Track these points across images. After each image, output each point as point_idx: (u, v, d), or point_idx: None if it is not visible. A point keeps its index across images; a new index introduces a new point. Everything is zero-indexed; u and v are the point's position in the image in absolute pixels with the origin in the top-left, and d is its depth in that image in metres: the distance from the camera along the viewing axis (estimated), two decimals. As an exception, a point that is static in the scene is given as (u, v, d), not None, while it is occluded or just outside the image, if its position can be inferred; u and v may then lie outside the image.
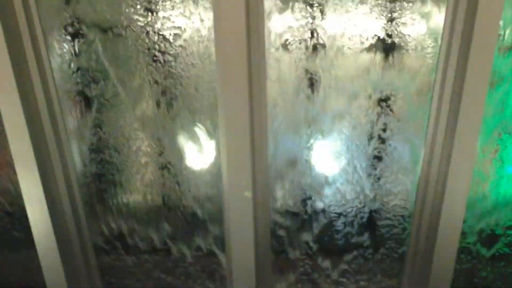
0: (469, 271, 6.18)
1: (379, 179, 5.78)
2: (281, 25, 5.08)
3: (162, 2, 5.10)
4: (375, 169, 5.74)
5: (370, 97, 5.40)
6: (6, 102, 5.05)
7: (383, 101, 5.39)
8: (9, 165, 5.44)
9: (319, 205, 5.96)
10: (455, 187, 5.22)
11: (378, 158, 5.68)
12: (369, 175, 5.78)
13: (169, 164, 5.81)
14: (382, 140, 5.62)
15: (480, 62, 4.68)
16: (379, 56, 5.20)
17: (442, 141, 5.29)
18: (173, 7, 5.09)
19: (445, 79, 5.13)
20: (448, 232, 5.45)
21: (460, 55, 4.89)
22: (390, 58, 5.20)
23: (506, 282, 6.33)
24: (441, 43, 5.08)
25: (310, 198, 5.92)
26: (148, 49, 5.28)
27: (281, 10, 5.03)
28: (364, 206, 5.94)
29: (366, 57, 5.23)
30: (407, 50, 5.15)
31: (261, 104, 5.19)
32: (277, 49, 5.16)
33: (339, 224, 6.03)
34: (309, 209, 5.96)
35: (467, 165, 5.13)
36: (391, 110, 5.45)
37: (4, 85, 4.97)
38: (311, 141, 5.62)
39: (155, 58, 5.31)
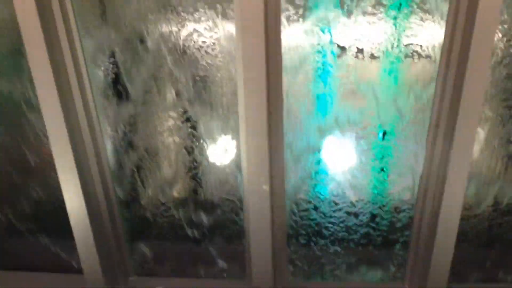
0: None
1: (388, 175, 5.89)
2: (295, 34, 5.21)
3: (192, 16, 5.23)
4: (382, 169, 5.87)
5: (377, 99, 5.51)
6: (48, 111, 5.23)
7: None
8: (51, 163, 5.51)
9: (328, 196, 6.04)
10: (454, 184, 5.31)
11: (385, 156, 5.79)
12: (380, 171, 5.88)
13: (193, 156, 5.95)
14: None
15: (477, 73, 4.80)
16: (387, 63, 5.32)
17: (442, 142, 5.39)
18: (200, 21, 5.22)
19: (445, 86, 5.24)
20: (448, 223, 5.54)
21: (460, 65, 5.00)
22: (398, 66, 5.32)
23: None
24: (441, 54, 5.19)
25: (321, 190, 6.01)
26: (177, 56, 5.43)
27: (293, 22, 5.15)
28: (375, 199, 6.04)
29: (376, 64, 5.36)
30: (413, 59, 5.25)
31: (277, 107, 5.32)
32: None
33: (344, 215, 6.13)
34: (320, 201, 6.07)
35: (465, 165, 5.24)
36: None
37: (47, 93, 5.13)
38: (322, 139, 5.71)
39: (183, 66, 5.47)
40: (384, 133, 5.72)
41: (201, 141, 5.84)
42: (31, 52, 4.97)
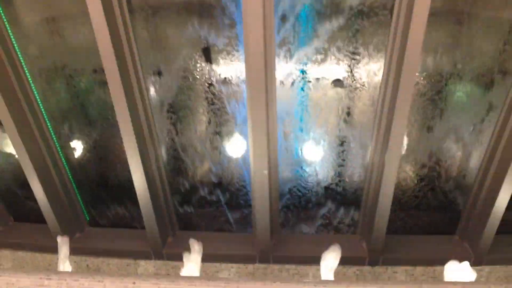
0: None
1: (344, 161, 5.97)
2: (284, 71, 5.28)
3: (216, 58, 5.30)
4: (342, 158, 5.97)
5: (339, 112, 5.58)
6: (124, 125, 5.28)
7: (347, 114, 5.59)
8: (123, 155, 5.59)
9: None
10: (389, 167, 5.39)
11: (343, 149, 5.86)
12: (339, 159, 5.96)
13: (218, 151, 6.01)
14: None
15: (405, 93, 4.86)
16: (343, 90, 5.41)
17: (382, 139, 5.45)
18: (223, 62, 5.29)
19: (383, 103, 5.28)
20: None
21: (393, 91, 5.08)
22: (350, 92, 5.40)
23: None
24: (380, 84, 5.26)
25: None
26: (207, 84, 5.51)
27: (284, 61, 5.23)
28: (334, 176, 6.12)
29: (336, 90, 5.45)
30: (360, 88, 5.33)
31: (273, 124, 5.36)
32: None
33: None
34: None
35: (397, 154, 5.30)
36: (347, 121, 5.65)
37: (120, 108, 5.17)
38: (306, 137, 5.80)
39: (211, 91, 5.55)
40: (343, 142, 5.84)
41: (225, 143, 5.93)
42: (112, 84, 5.03)
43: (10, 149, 6.20)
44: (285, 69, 5.29)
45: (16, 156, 5.83)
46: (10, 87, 5.42)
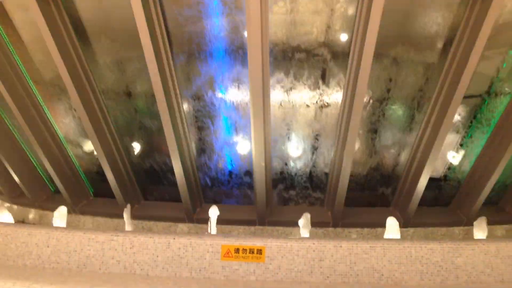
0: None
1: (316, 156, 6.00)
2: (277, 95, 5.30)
3: (226, 88, 5.34)
4: (315, 155, 6.00)
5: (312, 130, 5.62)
6: (169, 134, 5.29)
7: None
8: (167, 151, 5.60)
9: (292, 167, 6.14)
10: (346, 162, 5.41)
11: (315, 148, 5.90)
12: (313, 155, 5.98)
13: (231, 149, 6.01)
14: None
15: (357, 111, 4.88)
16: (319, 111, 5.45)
17: (342, 142, 5.45)
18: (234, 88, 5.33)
19: (343, 119, 5.29)
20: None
21: (348, 111, 5.08)
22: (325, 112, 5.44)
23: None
24: (341, 105, 5.28)
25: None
26: (223, 103, 5.54)
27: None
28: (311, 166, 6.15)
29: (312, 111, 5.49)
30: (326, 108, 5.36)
31: (268, 130, 5.37)
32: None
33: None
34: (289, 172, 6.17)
35: (351, 152, 5.32)
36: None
37: (165, 119, 5.19)
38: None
39: (226, 107, 5.59)
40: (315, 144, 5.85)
41: (236, 144, 5.95)
42: (160, 103, 5.06)
43: (92, 149, 6.24)
44: (276, 95, 5.36)
45: (95, 153, 5.87)
46: (91, 106, 5.47)
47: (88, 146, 6.28)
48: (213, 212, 5.45)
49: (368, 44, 4.30)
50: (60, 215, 5.45)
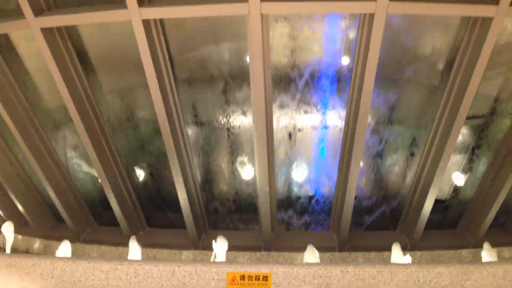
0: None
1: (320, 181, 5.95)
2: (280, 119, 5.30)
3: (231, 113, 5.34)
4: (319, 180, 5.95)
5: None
6: (173, 160, 5.24)
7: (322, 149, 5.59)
8: (171, 178, 5.56)
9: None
10: (351, 187, 5.36)
11: (320, 171, 5.86)
12: (317, 180, 5.94)
13: (235, 175, 5.99)
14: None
15: (359, 138, 4.87)
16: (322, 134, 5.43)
17: (346, 164, 5.41)
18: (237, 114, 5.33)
19: (346, 143, 5.26)
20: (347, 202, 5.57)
21: (351, 134, 5.05)
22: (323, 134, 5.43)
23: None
24: (345, 128, 5.26)
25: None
26: (226, 129, 5.53)
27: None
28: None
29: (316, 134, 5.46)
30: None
31: (272, 155, 5.34)
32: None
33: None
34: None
35: (356, 176, 5.28)
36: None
37: (168, 145, 5.15)
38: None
39: (229, 132, 5.57)
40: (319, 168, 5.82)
41: (240, 169, 5.91)
42: (163, 129, 5.04)
43: (96, 178, 6.19)
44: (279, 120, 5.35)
45: (99, 180, 5.84)
46: (95, 134, 5.45)
47: (93, 174, 6.25)
48: (219, 245, 5.37)
49: (370, 67, 4.30)
50: (65, 249, 5.41)
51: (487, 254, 5.28)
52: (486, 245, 5.42)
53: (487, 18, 4.07)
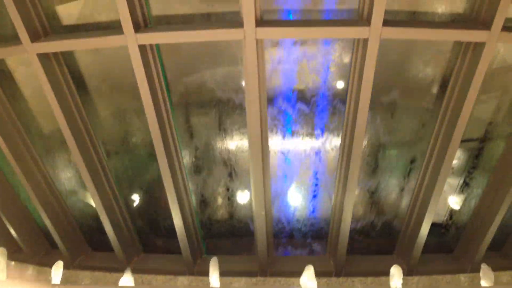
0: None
1: (315, 205, 5.93)
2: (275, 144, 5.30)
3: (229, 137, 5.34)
4: (314, 204, 5.94)
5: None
6: (168, 186, 5.24)
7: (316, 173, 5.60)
8: (166, 203, 5.53)
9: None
10: (346, 210, 5.35)
11: (316, 195, 5.85)
12: (312, 204, 5.92)
13: (230, 199, 5.97)
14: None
15: (355, 159, 4.87)
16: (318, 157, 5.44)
17: (341, 189, 5.40)
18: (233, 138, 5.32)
19: (342, 164, 5.27)
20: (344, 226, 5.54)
21: (347, 157, 5.07)
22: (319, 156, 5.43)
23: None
24: (339, 152, 5.26)
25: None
26: (222, 153, 5.53)
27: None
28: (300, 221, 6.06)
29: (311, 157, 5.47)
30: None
31: (267, 179, 5.33)
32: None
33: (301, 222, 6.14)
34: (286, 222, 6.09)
35: (352, 199, 5.27)
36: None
37: (164, 170, 5.16)
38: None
39: (225, 156, 5.57)
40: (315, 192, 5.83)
41: (236, 193, 5.89)
42: (159, 154, 5.04)
43: (91, 202, 6.16)
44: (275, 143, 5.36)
45: (94, 206, 5.81)
46: (90, 158, 5.43)
47: (87, 199, 6.20)
48: (214, 264, 5.34)
49: (364, 91, 4.34)
50: (57, 269, 5.34)
51: (484, 275, 5.26)
52: (483, 266, 5.39)
53: (480, 43, 4.12)
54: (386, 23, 3.95)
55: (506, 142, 5.26)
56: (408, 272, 5.93)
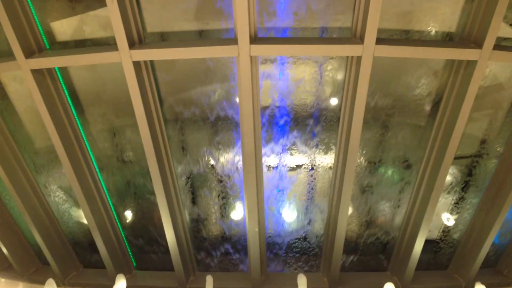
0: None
1: (310, 221, 5.92)
2: (269, 160, 5.31)
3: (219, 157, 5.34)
4: (309, 220, 5.92)
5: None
6: (161, 199, 5.24)
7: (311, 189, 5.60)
8: (159, 219, 5.49)
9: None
10: (341, 223, 5.33)
11: (309, 212, 5.83)
12: (307, 220, 5.90)
13: (224, 215, 5.94)
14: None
15: (349, 175, 4.89)
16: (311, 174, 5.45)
17: (335, 206, 5.39)
18: (226, 154, 5.33)
19: (336, 180, 5.27)
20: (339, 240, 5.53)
21: (341, 175, 5.08)
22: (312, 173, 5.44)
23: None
24: (333, 168, 5.26)
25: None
26: (215, 169, 5.52)
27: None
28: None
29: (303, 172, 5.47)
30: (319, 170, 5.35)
31: (260, 195, 5.33)
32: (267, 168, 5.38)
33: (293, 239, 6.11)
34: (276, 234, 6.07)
35: (345, 216, 5.27)
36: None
37: (157, 187, 5.16)
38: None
39: (219, 173, 5.56)
40: (307, 209, 5.83)
41: (229, 210, 5.88)
42: (152, 170, 5.03)
43: (83, 219, 6.11)
44: (269, 160, 5.35)
45: (86, 222, 5.77)
46: (83, 175, 5.41)
47: (79, 215, 6.16)
48: (209, 280, 5.32)
49: (358, 108, 4.37)
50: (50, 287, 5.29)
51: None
52: (478, 284, 5.42)
53: (471, 61, 4.18)
54: (379, 41, 4.00)
55: (499, 159, 5.29)
56: (402, 290, 5.93)
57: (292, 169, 5.45)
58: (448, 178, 5.46)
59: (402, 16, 4.33)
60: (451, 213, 5.85)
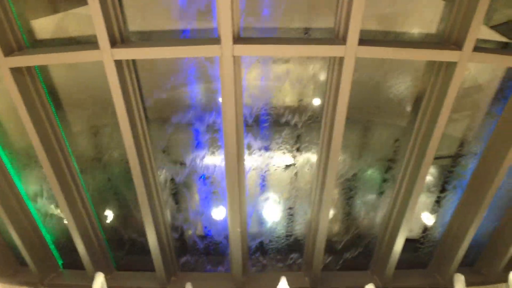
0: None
1: (292, 222, 5.95)
2: (251, 161, 5.31)
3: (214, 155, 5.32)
4: (291, 220, 5.94)
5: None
6: (144, 206, 5.21)
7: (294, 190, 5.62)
8: (140, 219, 5.47)
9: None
10: (322, 223, 5.37)
11: (291, 211, 5.85)
12: (288, 221, 5.92)
13: (205, 216, 5.92)
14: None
15: (331, 176, 4.92)
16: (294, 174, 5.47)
17: (317, 205, 5.42)
18: (209, 155, 5.31)
19: (318, 179, 5.30)
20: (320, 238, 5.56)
21: (323, 174, 5.11)
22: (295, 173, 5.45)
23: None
24: (317, 166, 5.29)
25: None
26: (197, 169, 5.50)
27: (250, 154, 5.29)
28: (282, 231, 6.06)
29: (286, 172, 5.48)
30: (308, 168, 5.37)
31: (242, 196, 5.33)
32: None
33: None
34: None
35: (327, 215, 5.29)
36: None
37: (139, 186, 5.11)
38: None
39: (201, 173, 5.55)
40: (291, 209, 5.84)
41: (211, 211, 5.86)
42: (134, 170, 5.00)
43: (63, 219, 6.03)
44: (251, 160, 5.36)
45: (65, 221, 5.70)
46: (63, 175, 5.33)
47: (58, 215, 6.08)
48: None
49: (340, 108, 4.41)
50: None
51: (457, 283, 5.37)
52: (457, 276, 5.50)
53: (452, 62, 4.24)
54: (362, 42, 4.03)
55: (477, 159, 5.38)
56: (382, 288, 5.99)
57: (275, 169, 5.46)
58: (429, 178, 5.53)
59: (385, 18, 4.38)
60: (431, 213, 5.93)
